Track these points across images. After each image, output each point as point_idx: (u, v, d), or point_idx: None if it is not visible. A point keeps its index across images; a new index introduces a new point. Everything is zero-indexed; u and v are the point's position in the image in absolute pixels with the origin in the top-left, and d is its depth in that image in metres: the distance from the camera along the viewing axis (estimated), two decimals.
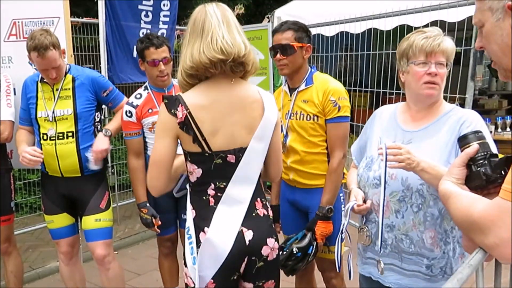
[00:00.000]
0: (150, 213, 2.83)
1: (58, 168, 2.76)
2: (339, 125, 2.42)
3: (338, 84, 2.49)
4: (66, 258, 2.98)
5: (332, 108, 2.40)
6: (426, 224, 1.71)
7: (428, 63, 1.70)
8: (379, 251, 1.81)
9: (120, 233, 4.97)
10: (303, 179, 2.52)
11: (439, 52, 1.69)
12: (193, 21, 1.70)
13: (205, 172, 1.74)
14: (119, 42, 4.01)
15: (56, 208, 2.87)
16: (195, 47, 1.67)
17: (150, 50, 2.71)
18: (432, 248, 1.72)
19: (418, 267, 1.74)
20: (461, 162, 1.22)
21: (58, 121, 2.73)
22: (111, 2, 3.87)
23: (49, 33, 2.60)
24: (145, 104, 2.79)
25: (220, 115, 1.69)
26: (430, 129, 1.77)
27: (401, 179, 1.72)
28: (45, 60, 2.57)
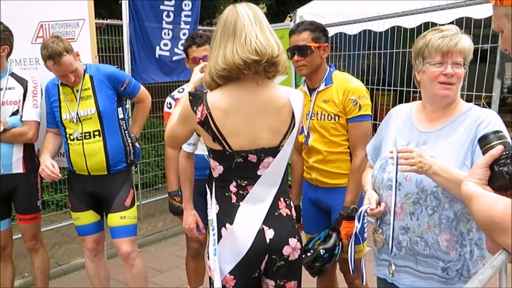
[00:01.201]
0: (181, 201, 2.78)
1: (85, 167, 2.82)
2: (360, 124, 2.41)
3: (358, 82, 2.47)
4: (92, 254, 3.04)
5: (353, 107, 2.39)
6: (441, 226, 1.68)
7: (445, 63, 1.66)
8: (390, 253, 1.79)
9: (143, 230, 5.04)
10: (326, 179, 2.52)
11: (456, 52, 1.64)
12: (224, 21, 1.68)
13: (227, 170, 1.77)
14: (142, 43, 4.07)
15: (83, 205, 2.94)
16: (227, 48, 1.65)
17: (193, 48, 2.84)
18: (448, 251, 1.69)
19: (433, 269, 1.71)
20: (484, 163, 1.19)
21: (83, 122, 2.79)
22: (134, 3, 3.93)
23: (60, 39, 2.67)
24: None
25: (243, 117, 1.70)
26: (446, 130, 1.73)
27: (415, 181, 1.69)
28: (61, 66, 2.64)
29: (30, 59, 3.28)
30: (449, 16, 3.75)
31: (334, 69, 2.55)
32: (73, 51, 2.70)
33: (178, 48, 4.37)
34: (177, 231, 4.87)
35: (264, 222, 1.75)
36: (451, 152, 1.67)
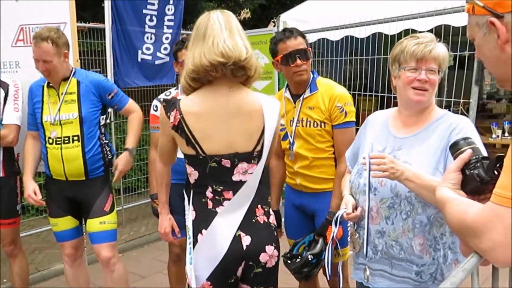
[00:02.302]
0: None
1: (63, 172, 2.79)
2: (345, 130, 2.43)
3: (343, 89, 2.50)
4: (70, 260, 3.01)
5: (339, 114, 2.42)
6: (415, 231, 1.71)
7: (419, 69, 1.70)
8: (365, 257, 1.82)
9: (125, 235, 5.00)
10: (311, 184, 2.53)
11: (430, 59, 1.69)
12: (197, 27, 1.76)
13: (202, 175, 1.80)
14: (125, 47, 4.05)
15: (61, 211, 2.91)
16: (196, 51, 1.71)
17: (183, 51, 2.87)
18: (421, 255, 1.72)
19: (407, 273, 1.75)
20: (456, 167, 1.23)
21: (64, 125, 2.76)
22: (117, 7, 3.91)
23: (55, 31, 2.72)
24: None
25: (215, 121, 1.73)
26: (421, 136, 1.76)
27: (390, 186, 1.73)
28: (38, 49, 2.67)
29: (10, 62, 3.25)
30: (429, 24, 3.82)
31: (317, 75, 2.56)
32: (61, 47, 2.71)
33: (160, 52, 4.36)
34: (159, 236, 4.81)
35: (241, 228, 1.77)
36: (425, 158, 1.70)
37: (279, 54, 2.46)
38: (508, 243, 0.91)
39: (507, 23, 1.03)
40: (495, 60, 1.09)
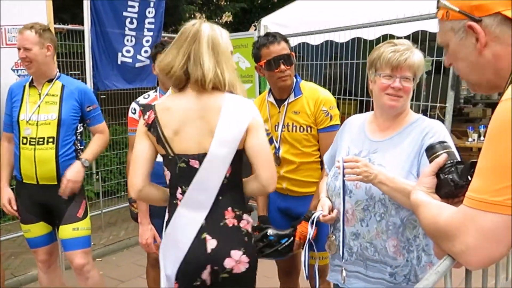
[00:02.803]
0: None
1: (34, 174, 2.74)
2: (331, 134, 2.39)
3: (327, 93, 2.51)
4: (44, 266, 2.96)
5: (324, 118, 2.43)
6: (389, 232, 1.74)
7: (394, 76, 1.73)
8: (341, 259, 1.85)
9: (104, 239, 4.94)
10: (297, 188, 2.53)
11: (405, 67, 1.72)
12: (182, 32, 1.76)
13: (173, 175, 1.81)
14: (104, 49, 4.01)
15: (32, 217, 2.85)
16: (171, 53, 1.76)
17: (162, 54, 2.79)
18: (395, 256, 1.75)
19: (382, 274, 1.78)
20: (431, 171, 1.24)
21: (40, 126, 2.72)
22: (97, 9, 3.87)
23: (42, 25, 2.78)
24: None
25: (183, 118, 1.74)
26: (395, 139, 1.80)
27: (365, 188, 1.76)
28: (20, 36, 2.71)
29: None
30: (407, 29, 3.89)
31: (300, 79, 2.56)
32: (45, 39, 2.72)
33: (141, 55, 4.33)
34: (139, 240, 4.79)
35: (208, 231, 1.75)
36: (398, 161, 1.74)
37: (262, 59, 2.44)
38: (481, 246, 0.93)
39: (485, 26, 1.04)
40: (472, 65, 1.09)
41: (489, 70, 1.07)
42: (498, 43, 1.04)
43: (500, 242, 0.92)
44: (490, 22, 1.03)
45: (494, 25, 1.03)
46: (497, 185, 0.90)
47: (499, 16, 1.02)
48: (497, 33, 1.03)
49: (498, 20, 1.03)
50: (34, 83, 2.80)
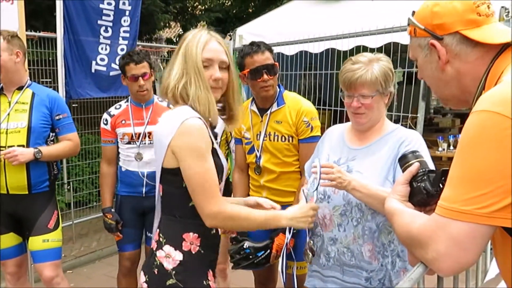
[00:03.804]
0: (114, 218, 2.97)
1: (4, 184, 2.66)
2: (311, 144, 2.41)
3: (309, 104, 2.54)
4: (13, 279, 2.87)
5: (305, 128, 2.45)
6: (365, 237, 1.78)
7: (352, 96, 1.79)
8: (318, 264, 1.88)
9: (75, 251, 4.84)
10: (277, 197, 2.52)
11: (358, 86, 1.77)
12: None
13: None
14: (77, 57, 3.95)
15: (2, 227, 2.77)
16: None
17: (130, 65, 2.84)
18: (371, 261, 1.79)
19: (358, 279, 1.81)
20: (404, 180, 1.28)
21: (10, 134, 2.65)
22: (70, 17, 3.82)
23: (10, 32, 2.73)
24: (120, 115, 2.97)
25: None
26: (373, 147, 1.85)
27: (342, 194, 1.80)
28: None
29: None
30: (379, 41, 3.97)
31: (283, 89, 2.59)
32: (14, 46, 2.66)
33: (115, 63, 4.27)
34: (111, 251, 4.70)
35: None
36: (375, 168, 1.79)
37: (246, 68, 2.46)
38: (452, 253, 0.95)
39: (446, 44, 1.10)
40: (437, 81, 1.15)
41: (454, 86, 1.13)
42: (459, 60, 1.10)
43: (469, 250, 0.94)
44: (450, 40, 1.10)
45: (454, 44, 1.09)
46: (467, 194, 0.93)
47: (458, 35, 1.09)
48: (457, 51, 1.09)
49: (458, 39, 1.09)
50: (4, 91, 2.73)
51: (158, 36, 8.22)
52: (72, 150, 2.84)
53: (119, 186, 3.08)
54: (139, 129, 2.94)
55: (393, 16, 4.36)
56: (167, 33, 10.61)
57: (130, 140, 2.95)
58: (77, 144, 2.88)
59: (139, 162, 2.94)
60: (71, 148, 2.82)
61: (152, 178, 2.93)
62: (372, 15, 4.93)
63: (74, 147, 2.85)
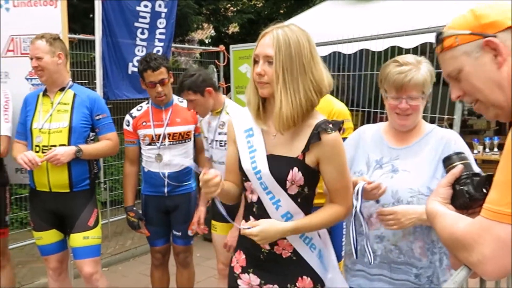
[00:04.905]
0: (136, 216, 3.05)
1: (47, 182, 2.76)
2: None
3: (342, 105, 2.53)
4: (55, 274, 2.98)
5: None
6: (416, 234, 1.79)
7: (400, 97, 1.77)
8: (363, 263, 1.86)
9: (111, 249, 4.95)
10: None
11: (410, 88, 1.75)
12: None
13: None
14: (115, 59, 4.05)
15: (45, 224, 2.88)
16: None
17: (148, 72, 2.89)
18: (420, 258, 1.79)
19: (407, 276, 1.81)
20: (446, 182, 1.26)
21: (52, 134, 2.75)
22: (108, 19, 3.92)
23: (53, 34, 2.83)
24: (141, 117, 3.03)
25: None
26: (415, 147, 1.85)
27: (391, 192, 1.79)
28: (32, 46, 2.76)
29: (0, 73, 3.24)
30: (414, 41, 3.92)
31: None
32: (56, 48, 2.76)
33: None
34: (145, 250, 4.79)
35: None
36: (421, 167, 1.80)
37: None
38: (497, 257, 0.94)
39: (500, 41, 1.06)
40: (491, 84, 1.09)
41: (507, 89, 1.07)
42: None
43: None
44: (504, 37, 1.06)
45: (508, 39, 1.06)
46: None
47: (510, 30, 1.05)
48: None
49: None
50: (47, 92, 2.84)
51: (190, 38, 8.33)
52: (111, 149, 2.93)
53: (143, 186, 3.17)
54: (159, 130, 2.99)
55: (427, 16, 4.30)
56: (199, 35, 10.74)
57: (151, 142, 3.01)
58: (117, 143, 2.96)
59: (159, 163, 3.01)
60: (110, 147, 2.90)
61: (173, 178, 3.01)
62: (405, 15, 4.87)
63: (114, 146, 2.93)
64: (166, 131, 2.98)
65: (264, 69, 1.63)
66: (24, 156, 2.63)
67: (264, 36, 1.65)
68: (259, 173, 1.69)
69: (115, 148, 2.97)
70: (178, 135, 3.00)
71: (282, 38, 1.60)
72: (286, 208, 1.69)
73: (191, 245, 3.25)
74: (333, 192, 1.71)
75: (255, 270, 1.80)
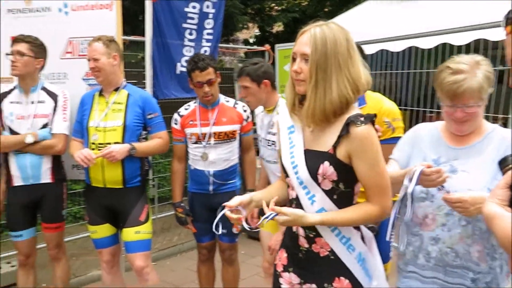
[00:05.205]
0: (184, 212, 3.13)
1: (102, 178, 2.88)
2: (392, 146, 2.30)
3: (391, 104, 2.49)
4: (108, 266, 3.10)
5: (386, 129, 2.40)
6: (474, 237, 1.74)
7: (454, 106, 1.73)
8: (416, 265, 1.83)
9: (158, 244, 5.08)
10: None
11: (465, 97, 1.70)
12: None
13: None
14: (164, 59, 4.15)
15: (99, 219, 3.00)
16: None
17: (196, 72, 2.94)
18: (479, 262, 1.74)
19: (462, 280, 1.76)
20: (504, 183, 1.23)
21: (107, 132, 2.87)
22: (158, 21, 4.02)
23: (109, 37, 2.94)
24: (189, 115, 3.09)
25: None
26: (476, 147, 1.80)
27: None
28: (90, 48, 2.88)
29: (59, 74, 3.39)
30: (466, 38, 3.81)
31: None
32: (111, 50, 2.88)
33: None
34: (191, 246, 4.90)
35: None
36: (482, 167, 1.74)
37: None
38: None
39: None
40: None
41: None
42: None
43: None
44: None
45: None
46: None
47: None
48: None
49: None
50: (103, 92, 2.96)
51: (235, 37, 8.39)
52: (162, 147, 3.02)
53: (190, 183, 3.23)
54: (205, 129, 3.03)
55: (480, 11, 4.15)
56: (243, 34, 10.81)
57: (197, 140, 3.06)
58: (167, 141, 3.05)
59: (205, 161, 3.06)
60: (161, 145, 2.99)
61: (218, 176, 3.06)
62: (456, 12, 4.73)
63: (164, 144, 3.02)
64: (212, 130, 3.03)
65: (300, 67, 1.65)
66: (81, 153, 2.75)
67: (303, 34, 1.67)
68: (296, 167, 1.71)
69: (166, 146, 3.05)
70: (224, 134, 3.05)
71: (319, 36, 1.61)
72: (321, 204, 1.69)
73: (236, 242, 3.30)
74: (366, 189, 1.67)
75: (295, 269, 1.81)
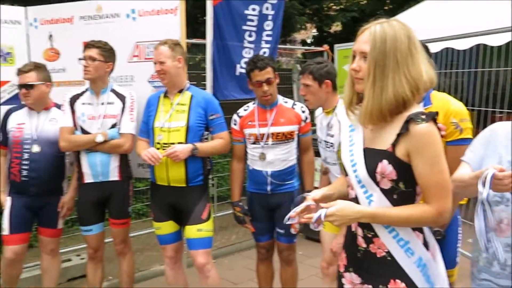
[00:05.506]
0: (242, 211, 3.18)
1: (166, 176, 2.98)
2: (460, 147, 2.27)
3: (459, 105, 2.41)
4: (171, 262, 3.20)
5: (453, 130, 2.34)
6: None
7: None
8: (490, 272, 1.75)
9: (217, 242, 5.16)
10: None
11: None
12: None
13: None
14: (224, 61, 4.22)
15: (163, 216, 3.10)
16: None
17: (255, 72, 2.99)
18: None
19: None
20: None
21: (172, 132, 2.96)
22: (219, 23, 4.10)
23: (174, 40, 3.05)
24: (247, 116, 3.15)
25: None
26: None
27: None
28: (156, 52, 2.98)
29: (126, 77, 3.55)
30: None
31: (431, 89, 2.47)
32: (176, 53, 2.97)
33: None
34: (249, 245, 4.96)
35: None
36: None
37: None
38: None
39: None
40: None
41: None
42: None
43: None
44: None
45: None
46: None
47: None
48: None
49: None
50: (168, 94, 3.06)
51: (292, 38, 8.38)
52: (223, 147, 3.08)
53: (248, 183, 3.27)
54: (264, 130, 3.06)
55: None
56: (301, 35, 10.78)
57: (255, 141, 3.09)
58: (228, 142, 3.11)
59: (262, 162, 3.08)
60: (222, 145, 3.06)
61: (276, 177, 3.07)
62: None
63: (226, 144, 3.08)
64: (270, 130, 3.06)
65: (359, 65, 1.63)
66: (147, 152, 2.86)
67: (363, 32, 1.64)
68: (355, 165, 1.69)
69: (227, 147, 3.11)
70: (282, 134, 3.06)
71: (379, 34, 1.58)
72: (379, 203, 1.64)
73: (294, 243, 3.30)
74: (424, 190, 1.61)
75: (354, 269, 1.79)
